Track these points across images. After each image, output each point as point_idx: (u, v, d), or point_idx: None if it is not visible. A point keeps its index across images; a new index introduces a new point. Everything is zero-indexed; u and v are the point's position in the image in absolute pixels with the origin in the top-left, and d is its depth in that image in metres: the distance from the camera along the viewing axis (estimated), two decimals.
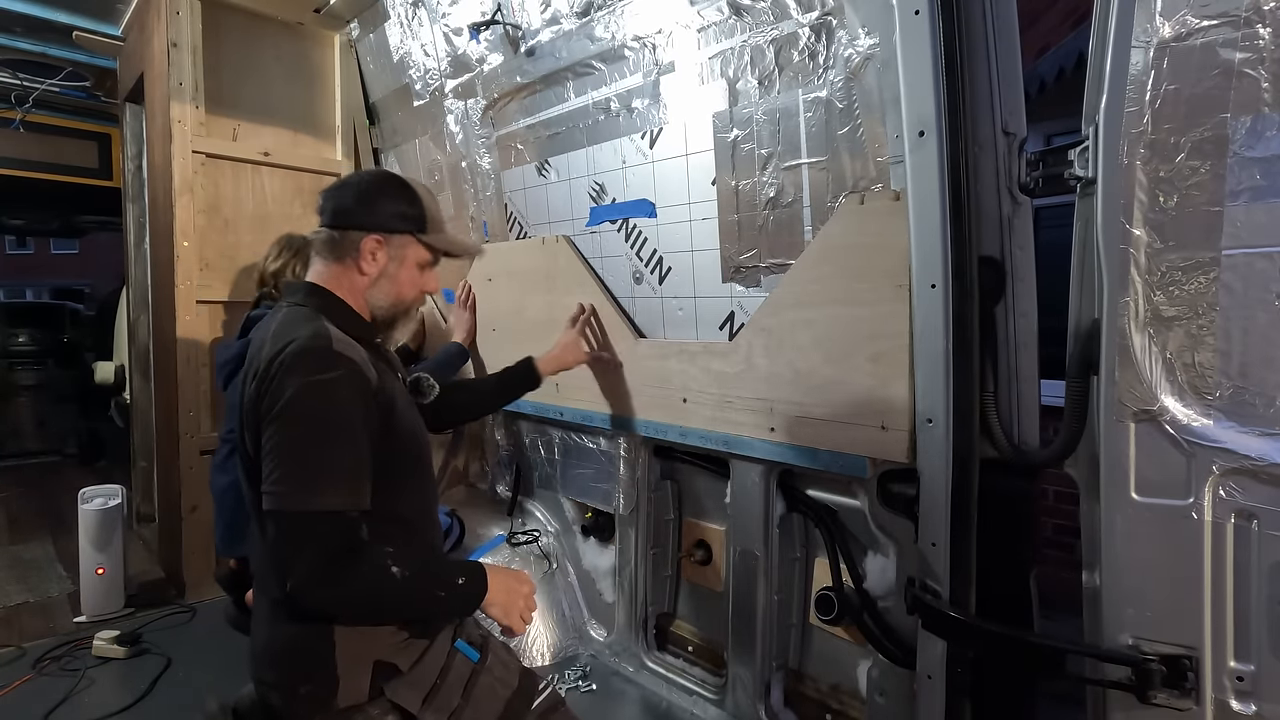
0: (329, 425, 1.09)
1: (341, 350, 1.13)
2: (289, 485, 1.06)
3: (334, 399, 1.09)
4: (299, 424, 1.08)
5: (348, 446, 1.10)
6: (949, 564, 1.33)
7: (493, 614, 1.23)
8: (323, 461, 1.07)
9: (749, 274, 1.81)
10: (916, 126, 1.31)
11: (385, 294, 1.28)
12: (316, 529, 1.05)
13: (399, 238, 1.27)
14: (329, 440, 1.08)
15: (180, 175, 2.69)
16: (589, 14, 1.99)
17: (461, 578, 1.21)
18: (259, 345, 1.19)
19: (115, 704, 2.03)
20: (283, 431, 1.08)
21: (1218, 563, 1.06)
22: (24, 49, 3.38)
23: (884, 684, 1.61)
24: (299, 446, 1.08)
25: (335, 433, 1.09)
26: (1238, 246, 1.02)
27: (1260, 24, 0.98)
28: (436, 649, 1.24)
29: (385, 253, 1.26)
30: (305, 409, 1.08)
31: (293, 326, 1.16)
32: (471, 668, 1.27)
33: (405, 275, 1.29)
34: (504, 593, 1.23)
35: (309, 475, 1.06)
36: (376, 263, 1.26)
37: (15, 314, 6.55)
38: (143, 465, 3.57)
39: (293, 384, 1.08)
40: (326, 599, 1.06)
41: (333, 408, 1.09)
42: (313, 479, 1.06)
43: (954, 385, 1.30)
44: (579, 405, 2.26)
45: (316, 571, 1.05)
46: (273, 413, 1.08)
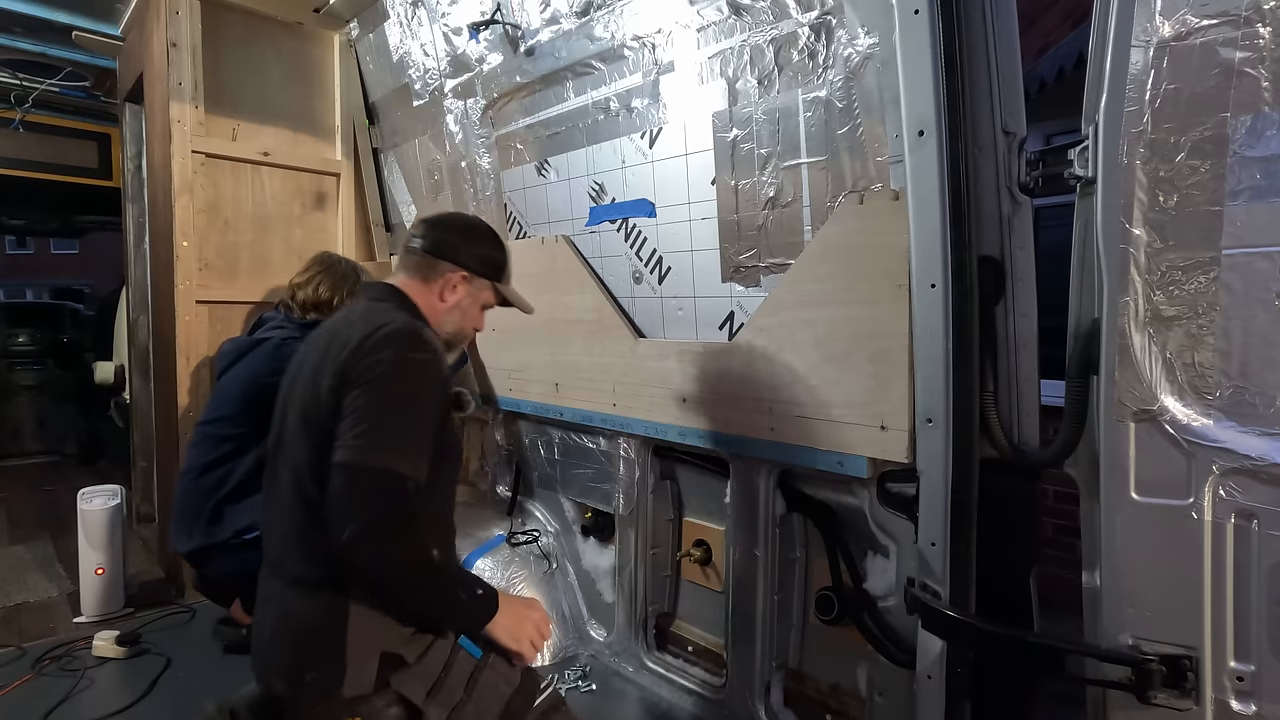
0: (412, 398, 1.20)
1: (430, 338, 1.28)
2: (367, 441, 1.14)
3: (421, 376, 1.22)
4: (388, 391, 1.18)
5: (422, 422, 1.20)
6: (949, 564, 1.32)
7: (499, 637, 1.26)
8: (400, 428, 1.18)
9: (749, 274, 1.81)
10: (916, 126, 1.30)
11: (453, 323, 1.44)
12: (384, 485, 1.13)
13: (480, 280, 1.44)
14: (409, 412, 1.19)
15: (180, 175, 2.69)
16: (588, 14, 1.99)
17: (480, 589, 1.25)
18: (335, 330, 1.30)
19: (115, 704, 2.03)
20: (371, 394, 1.18)
21: (1218, 563, 1.06)
22: (24, 49, 3.38)
23: (884, 684, 1.61)
24: (383, 410, 1.17)
25: (415, 407, 1.20)
26: (1238, 246, 1.02)
27: (1260, 23, 0.98)
28: (441, 644, 1.27)
29: (465, 289, 1.43)
30: (396, 379, 1.19)
31: (383, 314, 1.28)
32: (474, 664, 1.28)
33: (472, 312, 1.46)
34: (512, 617, 1.26)
35: (387, 436, 1.15)
36: (455, 294, 1.42)
37: (15, 314, 6.55)
38: (143, 465, 3.57)
39: (388, 356, 1.19)
40: (374, 558, 1.10)
41: (419, 384, 1.22)
42: (390, 441, 1.15)
43: (954, 385, 1.30)
44: (579, 405, 2.26)
45: (375, 525, 1.10)
46: (364, 378, 1.19)
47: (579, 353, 2.22)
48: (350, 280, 2.39)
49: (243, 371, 2.23)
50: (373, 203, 3.19)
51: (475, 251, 1.44)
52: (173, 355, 2.74)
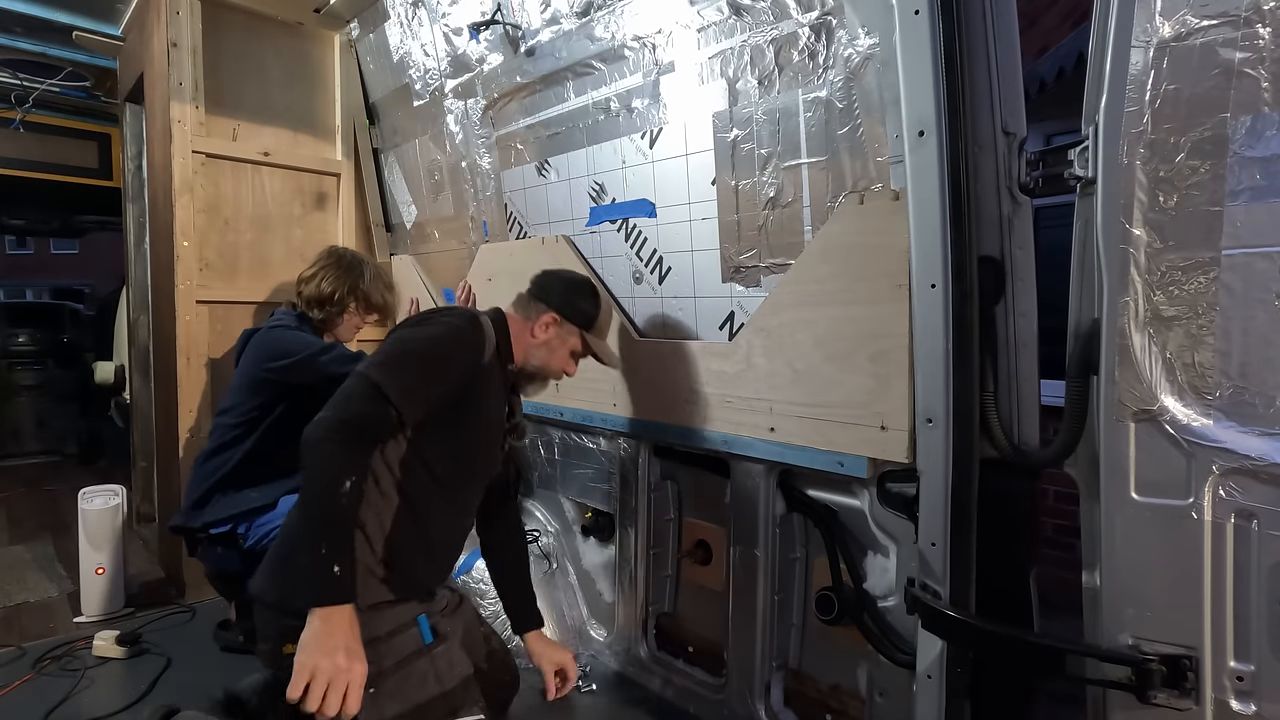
0: (435, 350, 1.37)
1: (485, 327, 1.47)
2: (378, 358, 1.33)
3: (454, 339, 1.40)
4: (421, 336, 1.38)
5: (433, 372, 1.35)
6: (949, 564, 1.32)
7: (296, 654, 1.10)
8: (408, 363, 1.33)
9: (749, 274, 1.81)
10: (916, 126, 1.31)
11: (539, 358, 1.62)
12: (364, 395, 1.25)
13: (570, 325, 1.63)
14: (425, 357, 1.35)
15: (180, 175, 2.69)
16: (589, 14, 1.99)
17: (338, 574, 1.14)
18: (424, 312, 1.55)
19: (115, 704, 2.03)
20: (409, 333, 1.39)
21: (1218, 563, 1.06)
22: (24, 49, 3.38)
23: (884, 684, 1.61)
24: (404, 346, 1.36)
25: (433, 357, 1.36)
26: (1238, 246, 1.02)
27: (1260, 24, 0.98)
28: (399, 610, 1.32)
29: (555, 331, 1.62)
30: (432, 332, 1.39)
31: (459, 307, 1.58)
32: (418, 645, 1.30)
33: (560, 354, 1.64)
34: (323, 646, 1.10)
35: (394, 364, 1.32)
36: (546, 334, 1.62)
37: (15, 314, 6.54)
38: (143, 465, 3.57)
39: (440, 318, 1.45)
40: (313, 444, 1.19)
41: (449, 343, 1.39)
42: (394, 368, 1.31)
43: (954, 385, 1.30)
44: (579, 405, 2.26)
45: (334, 419, 1.21)
46: (413, 323, 1.45)
47: None
48: (355, 273, 2.37)
49: (243, 363, 2.27)
50: (373, 203, 3.19)
51: (570, 300, 1.64)
52: (173, 355, 2.74)
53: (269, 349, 2.22)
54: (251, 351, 2.25)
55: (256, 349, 2.24)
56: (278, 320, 2.32)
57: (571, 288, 1.67)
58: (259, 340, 2.26)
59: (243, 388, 2.24)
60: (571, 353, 1.65)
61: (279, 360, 2.19)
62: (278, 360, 2.19)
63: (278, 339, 2.23)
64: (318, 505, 1.18)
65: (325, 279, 2.34)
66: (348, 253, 2.47)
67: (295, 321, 2.30)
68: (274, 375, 2.20)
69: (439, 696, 1.29)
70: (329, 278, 2.34)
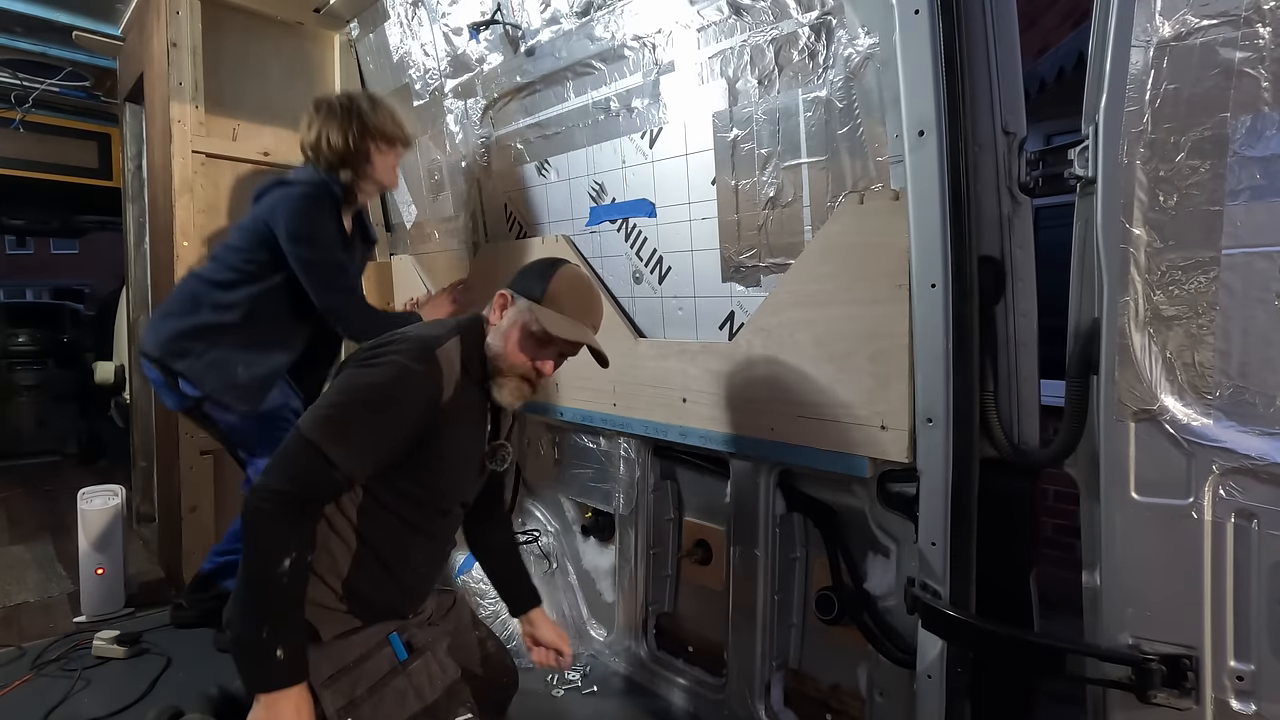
0: (378, 401, 1.22)
1: (439, 355, 1.28)
2: (320, 413, 1.20)
3: (400, 384, 1.23)
4: (362, 379, 1.24)
5: (378, 427, 1.21)
6: (949, 564, 1.32)
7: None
8: (351, 417, 1.20)
9: (749, 274, 1.81)
10: (916, 126, 1.31)
11: (495, 344, 1.39)
12: (303, 458, 1.16)
13: (522, 301, 1.39)
14: (368, 410, 1.21)
15: (180, 175, 2.69)
16: (589, 14, 1.99)
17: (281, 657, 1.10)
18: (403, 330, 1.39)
19: (115, 704, 2.03)
20: (350, 379, 1.25)
21: (1218, 562, 1.06)
22: (24, 49, 3.38)
23: (884, 684, 1.61)
24: (347, 395, 1.23)
25: (377, 408, 1.22)
26: (1238, 246, 1.02)
27: (1260, 23, 0.98)
28: (368, 634, 1.26)
29: (511, 312, 1.40)
30: (375, 376, 1.23)
31: (433, 326, 1.39)
32: (392, 665, 1.25)
33: (513, 337, 1.37)
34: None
35: (335, 420, 1.19)
36: (499, 316, 1.41)
37: (15, 314, 6.54)
38: (143, 465, 3.57)
39: (385, 353, 1.25)
40: (250, 516, 1.13)
41: (393, 391, 1.22)
42: (335, 425, 1.19)
43: (954, 385, 1.30)
44: (579, 405, 2.26)
45: (270, 490, 1.14)
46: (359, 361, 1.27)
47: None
48: (357, 114, 2.06)
49: (257, 213, 2.10)
50: (373, 203, 3.19)
51: (525, 274, 1.43)
52: None
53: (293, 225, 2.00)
54: (269, 211, 2.04)
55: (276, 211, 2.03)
56: (307, 176, 2.07)
57: (532, 265, 1.46)
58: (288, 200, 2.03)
59: (251, 234, 2.07)
60: (526, 333, 1.36)
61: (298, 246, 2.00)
62: (297, 244, 2.00)
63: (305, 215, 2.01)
64: (257, 588, 1.11)
65: (331, 133, 2.04)
66: (336, 97, 2.14)
67: (322, 190, 2.05)
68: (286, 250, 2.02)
69: (421, 712, 1.24)
70: (333, 130, 2.04)
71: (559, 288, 1.39)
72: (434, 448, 1.29)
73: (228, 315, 2.08)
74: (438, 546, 1.44)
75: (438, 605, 1.50)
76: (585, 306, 1.42)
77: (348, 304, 2.09)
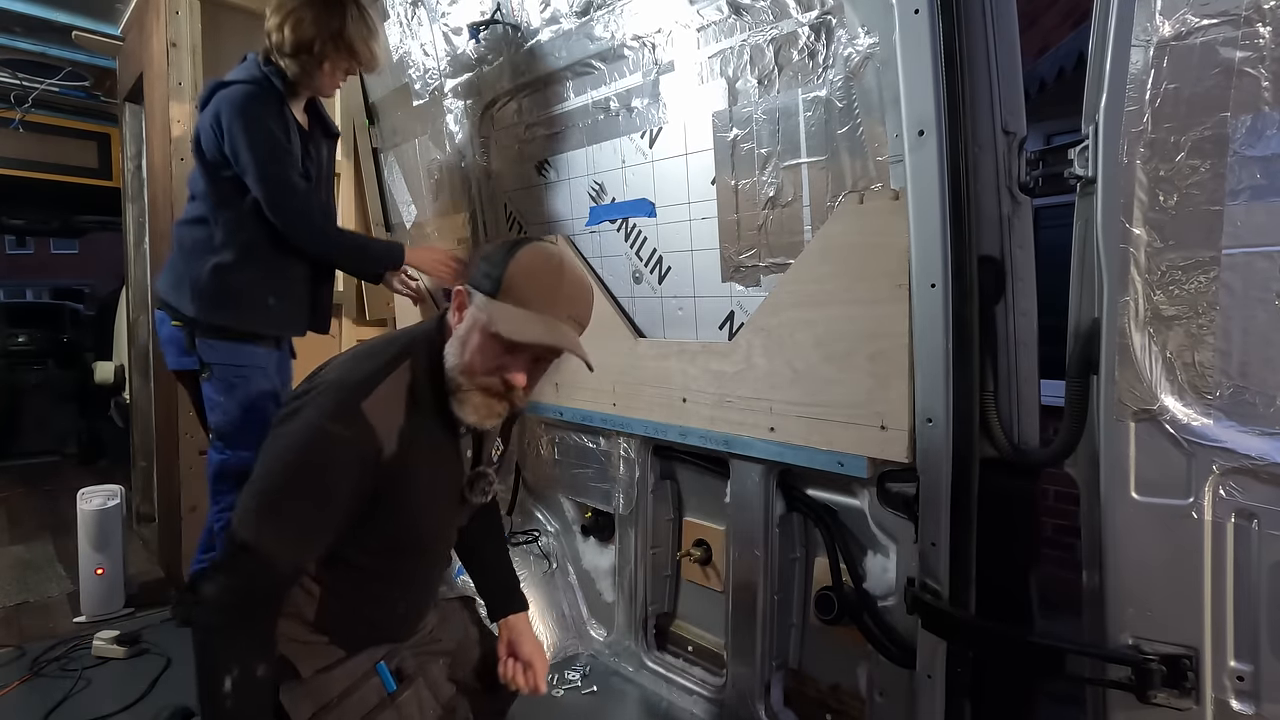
0: (303, 476, 1.05)
1: (369, 409, 1.05)
2: (253, 504, 1.05)
3: (322, 452, 1.04)
4: (288, 460, 1.06)
5: (309, 506, 1.05)
6: (949, 564, 1.32)
7: None
8: (277, 502, 1.05)
9: (749, 273, 1.81)
10: (916, 126, 1.31)
11: (453, 353, 1.13)
12: (240, 562, 1.03)
13: (479, 296, 1.11)
14: (293, 488, 1.05)
15: (180, 175, 2.69)
16: (588, 13, 1.99)
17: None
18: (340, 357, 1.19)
19: (115, 704, 2.03)
20: (274, 455, 1.07)
21: (1218, 562, 1.06)
22: (24, 49, 3.37)
23: (884, 684, 1.61)
24: (269, 480, 1.06)
25: (304, 487, 1.05)
26: (1238, 246, 1.02)
27: (1260, 23, 0.98)
28: (352, 665, 1.16)
29: (468, 310, 1.12)
30: (294, 446, 1.05)
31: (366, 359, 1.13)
32: (381, 697, 1.16)
33: (473, 341, 1.10)
34: None
35: (261, 507, 1.05)
36: (460, 318, 1.13)
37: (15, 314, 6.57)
38: (143, 465, 3.57)
39: (306, 416, 1.05)
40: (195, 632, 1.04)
41: (317, 459, 1.04)
42: (262, 513, 1.04)
43: (954, 385, 1.30)
44: (579, 405, 2.26)
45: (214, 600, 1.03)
46: (281, 427, 1.08)
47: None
48: (338, 15, 1.90)
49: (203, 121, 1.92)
50: (373, 203, 3.19)
51: (482, 259, 1.13)
52: None
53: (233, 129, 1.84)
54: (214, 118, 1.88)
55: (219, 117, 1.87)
56: (243, 81, 1.90)
57: (490, 248, 1.17)
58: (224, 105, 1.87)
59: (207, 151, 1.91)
60: (488, 335, 1.09)
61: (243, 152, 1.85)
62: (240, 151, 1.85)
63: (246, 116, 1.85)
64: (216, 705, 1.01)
65: (304, 21, 1.87)
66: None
67: (265, 90, 1.90)
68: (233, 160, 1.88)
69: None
70: (308, 20, 1.87)
71: (516, 275, 1.08)
72: (392, 501, 1.10)
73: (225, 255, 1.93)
74: (423, 583, 1.31)
75: (442, 617, 1.41)
76: (554, 295, 1.10)
77: (303, 219, 1.93)
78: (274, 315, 2.01)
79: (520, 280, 1.09)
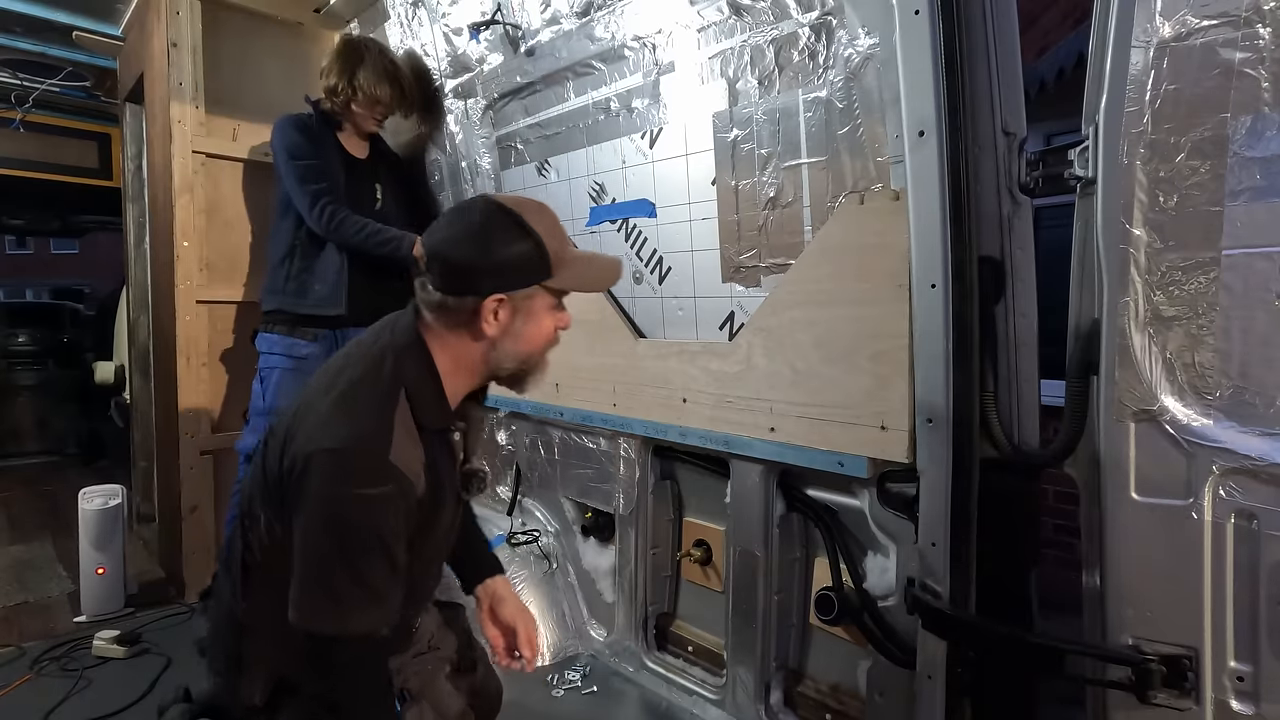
0: (367, 543, 0.99)
1: (396, 460, 1.00)
2: (315, 603, 0.99)
3: (375, 515, 0.99)
4: (333, 537, 0.98)
5: (382, 564, 1.00)
6: (949, 564, 1.33)
7: None
8: (353, 582, 0.99)
9: (749, 274, 1.81)
10: (916, 126, 1.31)
11: (510, 354, 1.11)
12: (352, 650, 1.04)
13: (525, 290, 1.08)
14: (363, 559, 0.99)
15: (180, 175, 2.69)
16: (589, 14, 1.99)
17: None
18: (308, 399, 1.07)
19: (115, 704, 2.03)
20: (315, 540, 0.99)
21: (1218, 563, 1.06)
22: (24, 49, 3.37)
23: (884, 684, 1.61)
24: (330, 563, 0.99)
25: (371, 551, 0.99)
26: (1238, 246, 1.02)
27: (1260, 24, 0.98)
28: None
29: (509, 310, 1.07)
30: (341, 524, 0.98)
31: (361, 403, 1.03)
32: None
33: (532, 328, 1.10)
34: None
35: (336, 597, 0.99)
36: (499, 322, 1.07)
37: (15, 314, 6.55)
38: (143, 465, 3.57)
39: (334, 491, 0.97)
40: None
41: (375, 524, 0.99)
42: (339, 601, 0.99)
43: (954, 385, 1.30)
44: (579, 405, 2.26)
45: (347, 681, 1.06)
46: (307, 511, 0.99)
47: (579, 353, 2.22)
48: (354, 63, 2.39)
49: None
50: None
51: (496, 262, 1.05)
52: (173, 355, 2.73)
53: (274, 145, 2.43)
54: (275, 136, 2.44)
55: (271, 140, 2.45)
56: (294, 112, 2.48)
57: (486, 243, 1.05)
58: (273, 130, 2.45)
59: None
60: (549, 310, 1.12)
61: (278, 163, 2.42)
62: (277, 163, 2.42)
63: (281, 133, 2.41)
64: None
65: (331, 70, 2.40)
66: (355, 39, 2.56)
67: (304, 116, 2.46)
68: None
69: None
70: (334, 68, 2.40)
71: (546, 240, 1.07)
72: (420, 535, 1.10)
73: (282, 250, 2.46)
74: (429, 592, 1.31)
75: (439, 624, 1.38)
76: (563, 231, 1.12)
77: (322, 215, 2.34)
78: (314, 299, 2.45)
79: (554, 244, 1.08)
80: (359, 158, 2.57)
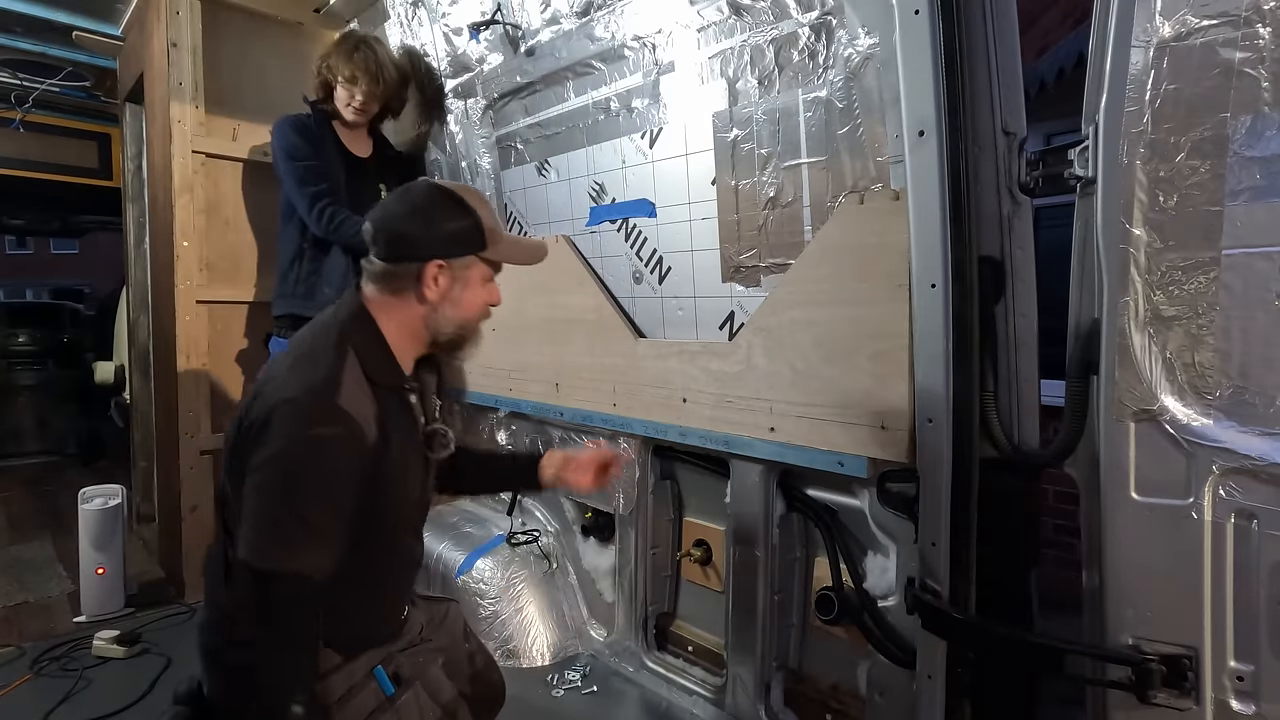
0: (319, 486, 1.06)
1: (345, 405, 1.08)
2: (261, 540, 1.04)
3: (324, 455, 1.06)
4: (285, 476, 1.05)
5: (328, 506, 1.06)
6: (949, 564, 1.33)
7: None
8: (298, 521, 1.05)
9: (749, 274, 1.81)
10: (916, 126, 1.31)
11: (450, 319, 1.23)
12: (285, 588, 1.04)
13: (459, 260, 1.20)
14: (311, 500, 1.05)
15: (180, 175, 2.69)
16: (589, 14, 1.99)
17: None
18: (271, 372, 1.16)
19: (115, 704, 2.03)
20: (268, 480, 1.05)
21: (1218, 562, 1.06)
22: (24, 49, 3.38)
23: (884, 684, 1.61)
24: (278, 501, 1.05)
25: (324, 495, 1.06)
26: (1238, 246, 1.02)
27: (1260, 23, 0.98)
28: (350, 670, 1.18)
29: (448, 276, 1.20)
30: (293, 464, 1.05)
31: (312, 362, 1.12)
32: (379, 701, 1.18)
33: (469, 295, 1.23)
34: None
35: (283, 535, 1.04)
36: (439, 288, 1.20)
37: (15, 314, 6.55)
38: (143, 465, 3.57)
39: (290, 431, 1.04)
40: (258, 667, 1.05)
41: (325, 467, 1.06)
42: (286, 539, 1.04)
43: (954, 385, 1.30)
44: (579, 405, 2.26)
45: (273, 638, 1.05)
46: (264, 455, 1.05)
47: (579, 353, 2.22)
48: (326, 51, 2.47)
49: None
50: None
51: (437, 234, 1.18)
52: (173, 355, 2.74)
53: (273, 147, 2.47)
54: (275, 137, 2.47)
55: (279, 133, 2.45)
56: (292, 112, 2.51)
57: (427, 216, 1.19)
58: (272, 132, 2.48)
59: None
60: (483, 281, 1.25)
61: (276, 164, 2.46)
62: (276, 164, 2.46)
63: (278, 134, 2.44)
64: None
65: (324, 62, 2.45)
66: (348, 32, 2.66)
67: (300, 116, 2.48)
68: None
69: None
70: (327, 61, 2.44)
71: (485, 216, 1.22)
72: (382, 484, 1.15)
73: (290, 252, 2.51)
74: (408, 561, 1.34)
75: (429, 618, 1.40)
76: (496, 216, 1.27)
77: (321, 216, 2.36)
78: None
79: (490, 220, 1.23)
80: (361, 157, 2.57)
